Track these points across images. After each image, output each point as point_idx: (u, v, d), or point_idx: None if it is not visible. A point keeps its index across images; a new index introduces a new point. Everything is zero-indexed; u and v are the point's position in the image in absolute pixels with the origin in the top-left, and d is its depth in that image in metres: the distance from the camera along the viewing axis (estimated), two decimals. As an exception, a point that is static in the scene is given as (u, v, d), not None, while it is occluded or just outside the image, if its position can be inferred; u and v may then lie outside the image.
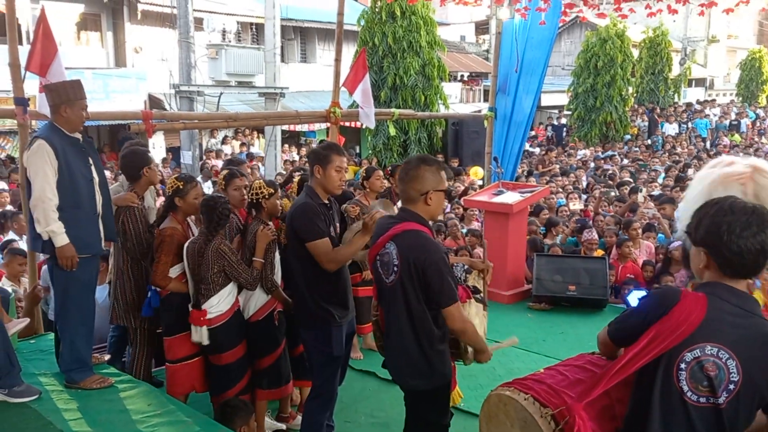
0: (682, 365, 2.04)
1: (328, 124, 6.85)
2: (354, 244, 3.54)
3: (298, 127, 18.68)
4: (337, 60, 6.73)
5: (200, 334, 3.86)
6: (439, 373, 3.00)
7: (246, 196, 4.15)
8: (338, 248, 3.52)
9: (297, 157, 17.06)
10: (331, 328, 3.59)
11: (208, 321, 3.84)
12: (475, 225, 8.78)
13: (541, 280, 6.81)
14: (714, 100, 30.16)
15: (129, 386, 4.03)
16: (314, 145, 9.67)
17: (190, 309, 3.92)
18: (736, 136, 23.08)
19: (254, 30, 21.44)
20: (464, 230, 8.60)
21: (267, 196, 4.03)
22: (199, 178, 7.38)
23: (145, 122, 5.38)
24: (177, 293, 4.04)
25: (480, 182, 11.16)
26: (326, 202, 3.63)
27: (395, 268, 2.92)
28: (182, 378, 4.09)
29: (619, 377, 2.18)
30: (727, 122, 25.53)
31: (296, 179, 4.99)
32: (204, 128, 14.77)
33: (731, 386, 2.00)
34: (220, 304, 3.86)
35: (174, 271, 4.04)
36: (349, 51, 16.35)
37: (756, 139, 22.87)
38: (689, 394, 2.03)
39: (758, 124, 27.24)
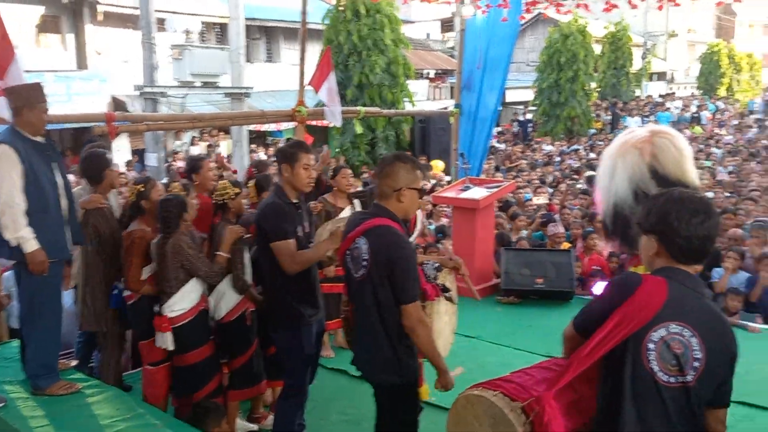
0: (651, 345, 2.09)
1: (296, 124, 6.85)
2: (318, 249, 3.56)
3: (265, 127, 18.57)
4: (302, 59, 6.72)
5: (164, 340, 3.83)
6: (407, 367, 3.02)
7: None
8: (302, 252, 3.51)
9: (265, 157, 16.96)
10: (301, 327, 3.59)
11: (171, 321, 3.81)
12: (444, 221, 8.84)
13: (509, 273, 6.89)
14: (674, 94, 30.82)
15: (97, 391, 3.98)
16: (281, 145, 9.65)
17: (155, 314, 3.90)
18: (697, 128, 23.61)
19: (219, 30, 21.24)
20: (433, 226, 8.67)
21: (233, 196, 4.02)
22: (164, 181, 7.29)
23: (108, 124, 5.30)
24: (148, 296, 4.01)
25: (448, 178, 11.24)
26: (295, 201, 3.64)
27: (365, 263, 2.93)
28: (161, 380, 4.06)
29: (588, 362, 2.21)
30: (688, 115, 26.13)
31: (251, 184, 4.95)
32: (168, 129, 14.58)
33: (696, 363, 2.07)
34: (182, 301, 3.83)
35: (145, 273, 4.01)
36: (314, 50, 16.29)
37: (716, 131, 23.40)
38: (660, 374, 2.09)
39: (718, 115, 27.91)
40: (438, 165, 11.92)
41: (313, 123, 16.29)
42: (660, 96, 29.17)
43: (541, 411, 2.27)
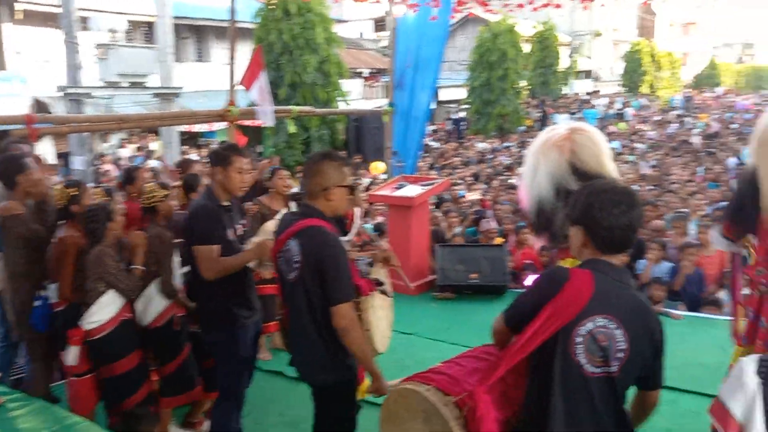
0: (578, 339, 2.15)
1: (227, 124, 6.73)
2: (240, 258, 3.50)
3: (197, 128, 18.21)
4: (232, 58, 6.62)
5: (69, 353, 3.71)
6: (344, 366, 3.01)
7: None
8: (223, 258, 3.44)
9: (197, 158, 16.61)
10: (236, 329, 3.54)
11: (88, 334, 3.69)
12: (381, 219, 8.88)
13: (445, 269, 6.98)
14: (600, 91, 31.90)
15: (21, 404, 3.82)
16: (214, 146, 9.47)
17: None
18: (622, 124, 24.50)
19: (146, 29, 20.69)
20: (370, 225, 8.70)
21: (162, 199, 3.93)
22: (90, 184, 7.05)
23: (27, 127, 5.08)
24: (78, 305, 3.87)
25: (384, 176, 11.30)
26: (226, 204, 3.58)
27: (296, 265, 2.91)
28: (87, 391, 3.91)
29: (519, 356, 2.26)
30: (613, 111, 27.11)
31: (179, 184, 4.85)
32: (94, 131, 14.08)
33: (620, 354, 2.14)
34: (99, 313, 3.71)
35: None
36: (245, 49, 16.05)
37: (639, 127, 24.35)
38: (587, 366, 2.16)
39: (641, 112, 29.08)
40: (378, 166, 11.94)
41: (247, 123, 16.13)
42: (586, 93, 30.12)
43: (474, 406, 2.30)
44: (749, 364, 2.07)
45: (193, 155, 16.72)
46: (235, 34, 6.50)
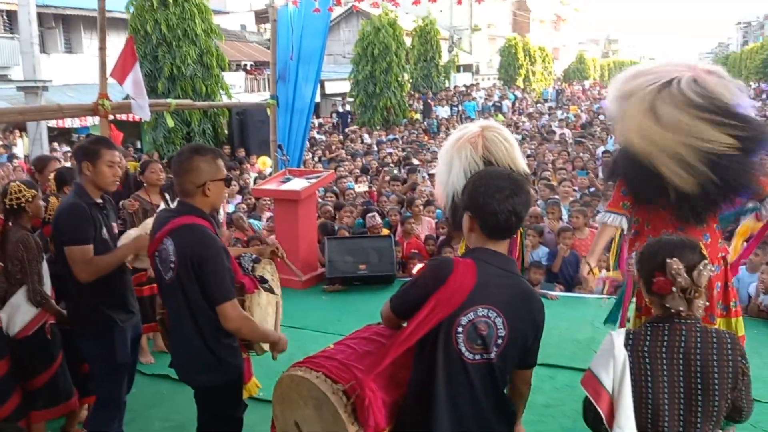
0: (459, 329, 2.22)
1: (100, 118, 6.37)
2: (115, 255, 3.35)
3: (69, 123, 17.16)
4: (102, 49, 6.26)
5: None
6: (229, 366, 2.93)
7: None
8: (99, 258, 3.27)
9: (59, 154, 15.62)
10: (113, 333, 3.37)
11: None
12: (268, 214, 8.76)
13: (333, 262, 7.01)
14: (479, 84, 33.04)
15: None
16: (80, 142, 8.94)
17: None
18: (499, 116, 25.53)
19: (6, 17, 19.18)
20: (258, 222, 8.55)
21: (30, 199, 3.67)
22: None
23: None
24: None
25: (270, 170, 11.14)
26: (99, 201, 3.40)
27: (172, 265, 2.80)
28: None
29: (405, 346, 2.31)
30: (491, 104, 28.17)
31: (52, 175, 4.58)
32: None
33: (499, 341, 2.23)
34: None
35: None
36: (120, 40, 15.27)
37: (516, 118, 25.48)
38: (467, 353, 2.23)
39: (517, 104, 30.46)
40: (266, 161, 11.73)
41: (123, 118, 15.36)
42: (464, 86, 31.09)
43: (362, 394, 2.33)
44: (618, 336, 2.22)
45: (62, 152, 15.77)
46: (104, 23, 6.15)
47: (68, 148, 16.22)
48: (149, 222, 4.24)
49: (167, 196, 5.39)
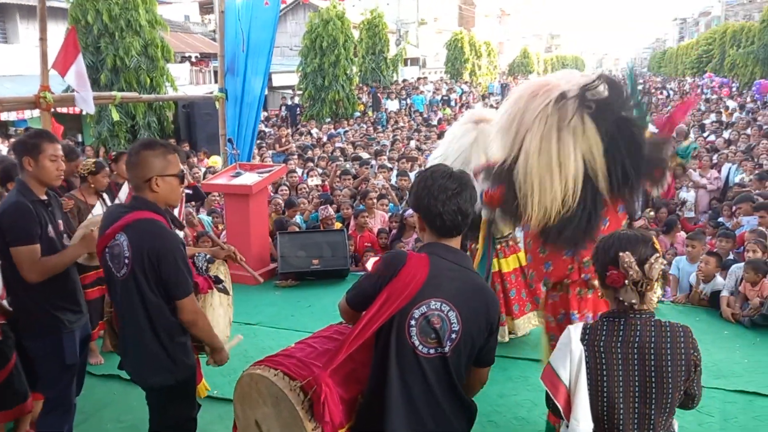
0: (412, 322, 2.23)
1: (40, 112, 6.14)
2: (65, 255, 3.26)
3: (4, 116, 16.49)
4: (42, 39, 6.01)
5: None
6: (182, 365, 2.88)
7: None
8: (46, 258, 3.18)
9: (6, 150, 15.03)
10: (61, 334, 3.28)
11: None
12: (215, 209, 8.63)
13: (286, 257, 6.96)
14: (427, 78, 33.25)
15: None
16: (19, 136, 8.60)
17: None
18: (447, 110, 25.78)
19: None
20: (207, 217, 8.41)
21: None
22: None
23: None
24: None
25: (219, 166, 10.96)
26: (43, 197, 3.29)
27: (126, 261, 2.73)
28: None
29: (359, 341, 2.31)
30: (439, 97, 28.39)
31: None
32: None
33: (453, 335, 2.24)
34: None
35: None
36: (59, 30, 14.76)
37: (462, 112, 25.74)
38: (420, 347, 2.23)
39: (464, 98, 30.78)
40: (217, 160, 11.52)
41: (64, 110, 14.86)
42: (411, 79, 31.25)
43: (318, 390, 2.33)
44: (575, 331, 2.27)
45: (2, 146, 15.16)
46: (44, 12, 5.92)
47: (4, 143, 15.61)
48: (95, 219, 4.14)
49: (105, 197, 5.26)
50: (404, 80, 30.70)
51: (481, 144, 4.41)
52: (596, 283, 3.02)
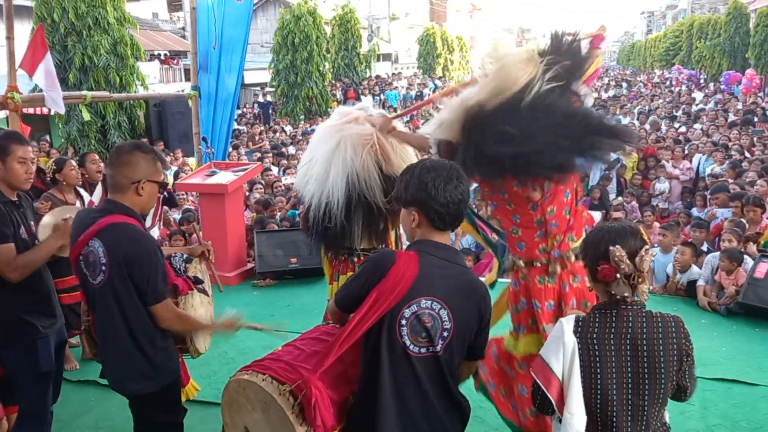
0: (403, 321, 2.20)
1: (7, 112, 5.99)
2: (41, 249, 3.18)
3: (-32, 118, 16.10)
4: (9, 38, 5.87)
5: None
6: (165, 371, 2.82)
7: None
8: (23, 255, 3.09)
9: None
10: (35, 341, 3.19)
11: None
12: (187, 206, 8.52)
13: (263, 256, 6.89)
14: (400, 73, 33.23)
15: None
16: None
17: None
18: (422, 105, 25.69)
19: None
20: (178, 216, 8.30)
21: None
22: None
23: None
24: None
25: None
26: (14, 199, 3.19)
27: (103, 267, 2.65)
28: None
29: (349, 342, 2.27)
30: (413, 93, 28.37)
31: None
32: None
33: (445, 333, 2.21)
34: None
35: None
36: (23, 28, 14.42)
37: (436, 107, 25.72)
38: (411, 347, 2.21)
39: (437, 92, 30.75)
40: (190, 161, 11.38)
41: (30, 111, 14.54)
42: (385, 75, 31.19)
43: (308, 393, 2.30)
44: (567, 323, 2.25)
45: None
46: (11, 10, 5.76)
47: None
48: (65, 208, 4.03)
49: (82, 192, 5.17)
50: (377, 76, 30.63)
51: (342, 149, 3.85)
52: (558, 269, 3.06)
